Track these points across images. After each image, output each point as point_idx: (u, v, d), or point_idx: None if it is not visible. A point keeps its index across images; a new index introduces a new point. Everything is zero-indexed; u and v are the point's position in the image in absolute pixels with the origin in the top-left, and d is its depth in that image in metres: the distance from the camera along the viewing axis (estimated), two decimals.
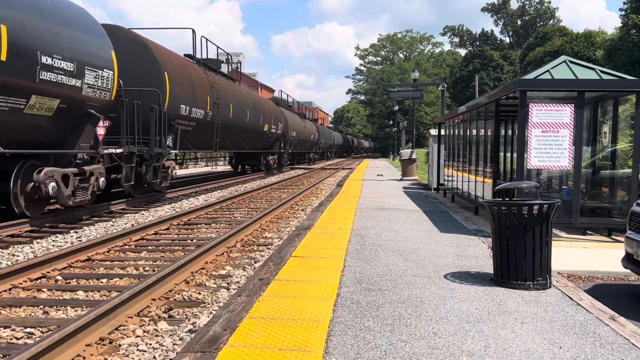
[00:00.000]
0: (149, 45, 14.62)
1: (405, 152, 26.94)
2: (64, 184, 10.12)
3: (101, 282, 6.48)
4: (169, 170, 15.64)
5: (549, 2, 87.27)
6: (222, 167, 40.02)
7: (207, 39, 20.66)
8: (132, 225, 10.72)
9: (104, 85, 11.24)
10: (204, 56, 20.36)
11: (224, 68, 23.59)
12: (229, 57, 24.91)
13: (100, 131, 11.21)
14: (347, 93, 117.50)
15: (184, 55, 18.60)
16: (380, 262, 6.74)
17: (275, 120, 29.96)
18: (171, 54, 16.45)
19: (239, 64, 26.63)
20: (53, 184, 9.75)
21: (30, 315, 5.27)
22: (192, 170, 35.93)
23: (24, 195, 9.56)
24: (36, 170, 9.63)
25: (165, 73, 14.53)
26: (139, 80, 13.78)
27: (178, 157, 24.85)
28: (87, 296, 5.91)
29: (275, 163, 31.32)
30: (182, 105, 15.57)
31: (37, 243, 8.80)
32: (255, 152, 27.90)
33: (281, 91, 41.18)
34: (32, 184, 9.58)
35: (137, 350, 4.33)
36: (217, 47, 22.12)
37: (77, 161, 11.13)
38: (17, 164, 9.48)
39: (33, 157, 9.88)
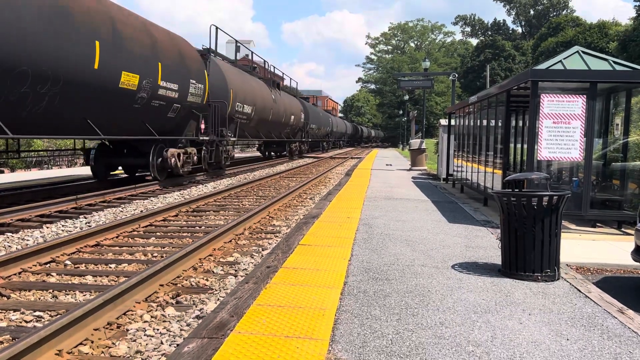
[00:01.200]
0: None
1: (415, 142, 26.82)
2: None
3: (109, 267, 6.52)
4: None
5: None
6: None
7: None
8: (141, 211, 10.77)
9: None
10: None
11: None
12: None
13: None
14: (357, 82, 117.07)
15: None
16: (388, 252, 6.73)
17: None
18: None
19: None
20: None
21: (39, 299, 5.33)
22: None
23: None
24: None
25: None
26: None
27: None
28: (95, 281, 5.95)
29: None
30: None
31: (47, 228, 8.87)
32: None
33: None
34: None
35: (145, 335, 4.36)
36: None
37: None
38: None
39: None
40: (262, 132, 27.05)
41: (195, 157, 16.63)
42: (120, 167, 16.81)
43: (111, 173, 16.01)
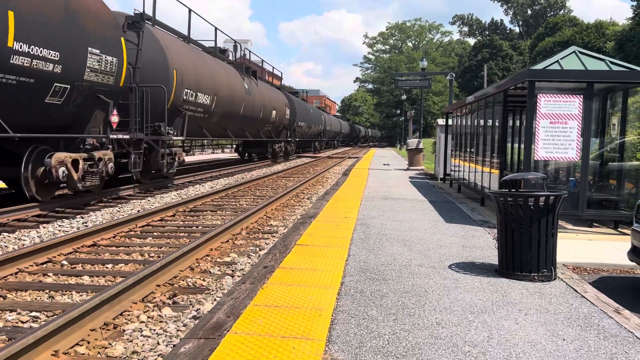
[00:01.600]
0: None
1: (412, 142, 26.84)
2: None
3: (106, 268, 6.51)
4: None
5: None
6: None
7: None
8: (138, 211, 10.75)
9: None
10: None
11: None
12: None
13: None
14: (354, 81, 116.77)
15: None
16: (385, 252, 6.73)
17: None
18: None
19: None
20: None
21: (35, 299, 5.32)
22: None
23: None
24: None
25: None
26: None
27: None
28: (92, 281, 5.95)
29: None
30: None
31: (44, 228, 8.85)
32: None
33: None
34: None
35: (141, 335, 4.36)
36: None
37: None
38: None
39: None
40: (232, 129, 21.67)
41: (110, 165, 11.56)
42: None
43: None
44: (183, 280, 5.98)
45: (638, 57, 31.19)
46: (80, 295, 5.37)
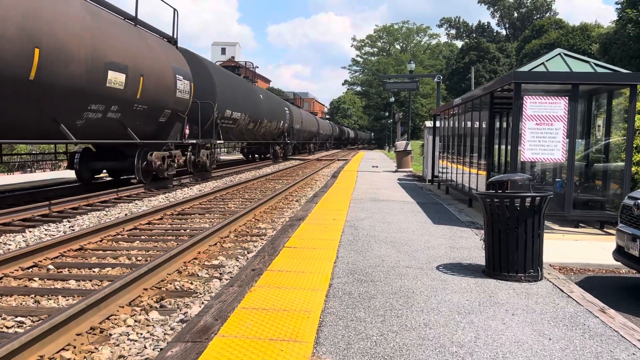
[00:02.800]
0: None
1: (401, 144, 26.94)
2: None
3: (93, 272, 6.46)
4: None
5: None
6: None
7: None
8: (126, 214, 10.69)
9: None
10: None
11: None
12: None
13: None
14: (343, 84, 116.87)
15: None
16: (373, 254, 6.74)
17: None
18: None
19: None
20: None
21: (21, 304, 5.26)
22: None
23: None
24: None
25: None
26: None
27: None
28: (78, 285, 5.90)
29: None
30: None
31: (30, 232, 8.77)
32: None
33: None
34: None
35: (128, 339, 4.33)
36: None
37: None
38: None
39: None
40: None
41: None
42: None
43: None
44: (170, 284, 5.95)
45: (622, 59, 31.56)
46: (67, 300, 5.32)
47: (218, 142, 21.09)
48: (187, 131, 16.85)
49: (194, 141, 17.86)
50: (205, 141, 18.94)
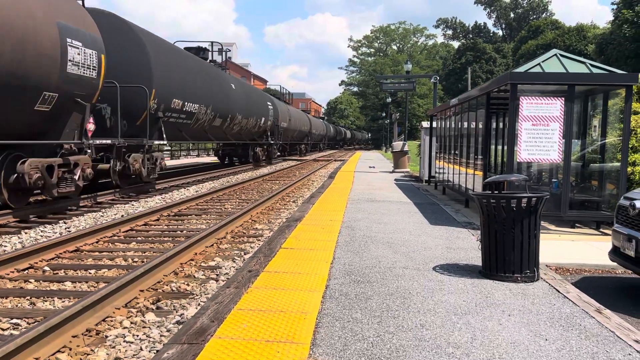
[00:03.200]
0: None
1: (397, 144, 26.95)
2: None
3: (89, 273, 6.45)
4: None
5: None
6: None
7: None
8: (122, 216, 10.67)
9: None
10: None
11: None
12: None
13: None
14: (340, 84, 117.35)
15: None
16: (369, 254, 6.74)
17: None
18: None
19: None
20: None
21: (16, 306, 5.24)
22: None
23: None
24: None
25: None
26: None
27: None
28: (74, 287, 5.88)
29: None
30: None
31: (25, 233, 8.74)
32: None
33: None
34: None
35: (124, 341, 4.31)
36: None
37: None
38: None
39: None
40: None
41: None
42: None
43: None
44: (167, 285, 5.94)
45: (618, 59, 31.68)
46: (63, 302, 5.31)
47: (160, 143, 15.49)
48: (90, 126, 11.14)
49: (108, 141, 12.42)
50: (136, 142, 13.62)
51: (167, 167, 18.28)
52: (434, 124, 18.33)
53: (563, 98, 8.78)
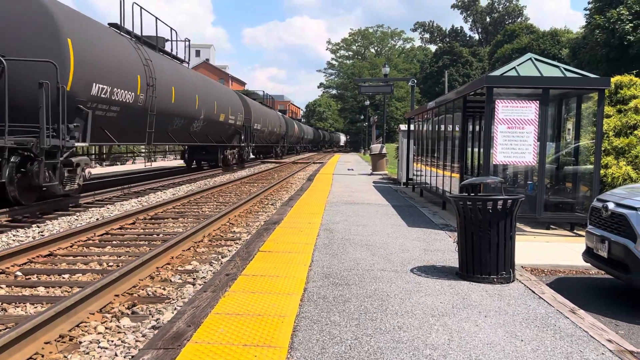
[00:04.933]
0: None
1: (376, 147, 27.08)
2: None
3: (63, 278, 6.33)
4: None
5: (517, 0, 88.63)
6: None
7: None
8: (97, 219, 10.50)
9: None
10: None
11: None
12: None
13: None
14: (318, 87, 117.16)
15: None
16: (348, 257, 6.75)
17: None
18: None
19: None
20: None
21: None
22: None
23: None
24: None
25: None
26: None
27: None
28: (47, 292, 5.77)
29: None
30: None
31: None
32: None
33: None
34: None
35: (99, 347, 4.24)
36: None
37: None
38: None
39: None
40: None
41: None
42: None
43: None
44: (143, 290, 5.85)
45: (590, 63, 32.32)
46: (35, 307, 5.20)
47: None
48: None
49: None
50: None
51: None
52: (412, 127, 18.45)
53: (538, 101, 8.91)
